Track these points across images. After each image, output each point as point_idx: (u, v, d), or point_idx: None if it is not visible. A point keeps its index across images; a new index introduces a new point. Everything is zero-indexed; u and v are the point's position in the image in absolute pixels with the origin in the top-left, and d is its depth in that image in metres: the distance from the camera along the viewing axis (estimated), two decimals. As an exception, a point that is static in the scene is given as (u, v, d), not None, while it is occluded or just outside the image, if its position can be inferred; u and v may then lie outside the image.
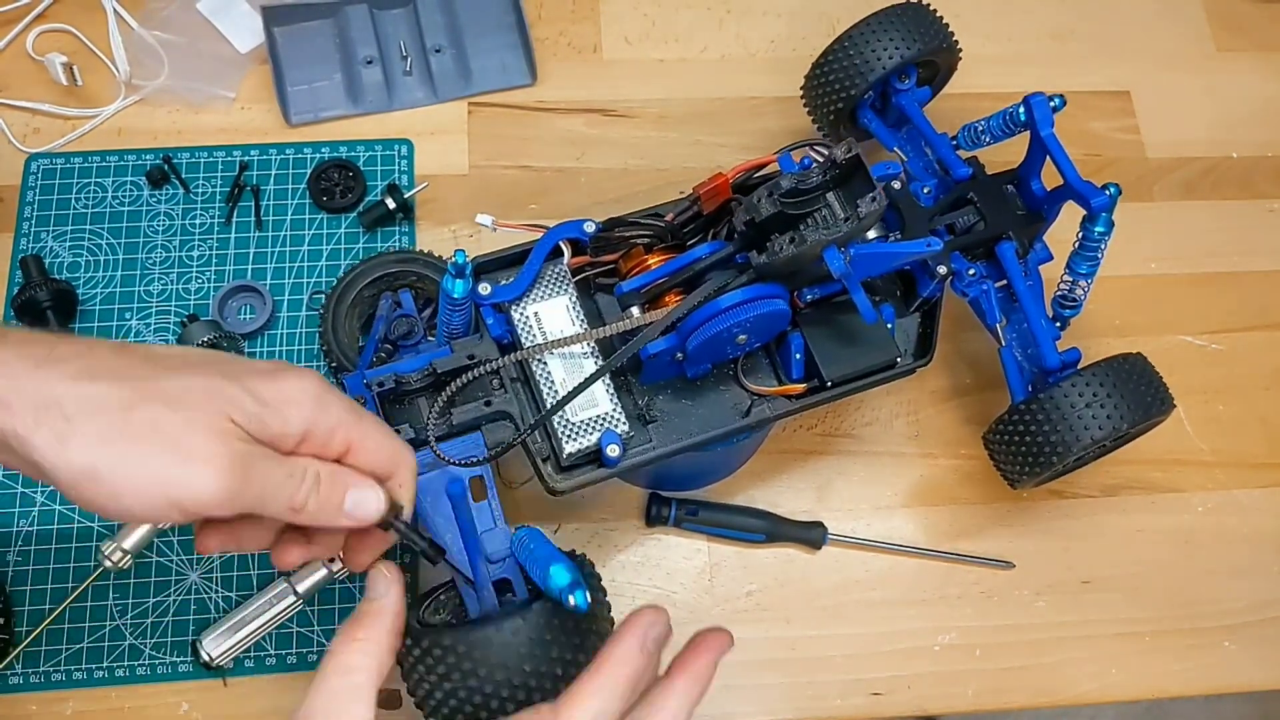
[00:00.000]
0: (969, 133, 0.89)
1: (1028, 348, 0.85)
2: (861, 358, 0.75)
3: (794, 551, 0.91)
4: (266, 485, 0.57)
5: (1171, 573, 0.93)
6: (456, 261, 0.64)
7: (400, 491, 0.63)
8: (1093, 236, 0.83)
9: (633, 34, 1.09)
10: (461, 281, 0.64)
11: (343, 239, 0.97)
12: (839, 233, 0.65)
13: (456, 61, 1.04)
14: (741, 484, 0.92)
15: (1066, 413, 0.78)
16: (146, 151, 0.99)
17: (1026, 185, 0.86)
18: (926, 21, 0.90)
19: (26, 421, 0.52)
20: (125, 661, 0.83)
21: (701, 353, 0.70)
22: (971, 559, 0.91)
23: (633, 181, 1.02)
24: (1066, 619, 0.90)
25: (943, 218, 0.85)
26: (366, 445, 0.61)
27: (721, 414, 0.75)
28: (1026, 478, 0.82)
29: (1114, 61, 1.12)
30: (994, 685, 0.88)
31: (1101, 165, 1.07)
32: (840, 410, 0.95)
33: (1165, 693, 0.90)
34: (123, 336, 0.92)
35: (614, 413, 0.72)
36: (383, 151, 1.00)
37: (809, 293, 0.74)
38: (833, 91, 0.91)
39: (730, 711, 0.86)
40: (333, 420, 0.59)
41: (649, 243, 0.74)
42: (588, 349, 0.73)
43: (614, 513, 0.91)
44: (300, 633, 0.84)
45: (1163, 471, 0.96)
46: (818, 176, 0.66)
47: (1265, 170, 1.08)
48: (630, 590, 0.88)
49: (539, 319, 0.73)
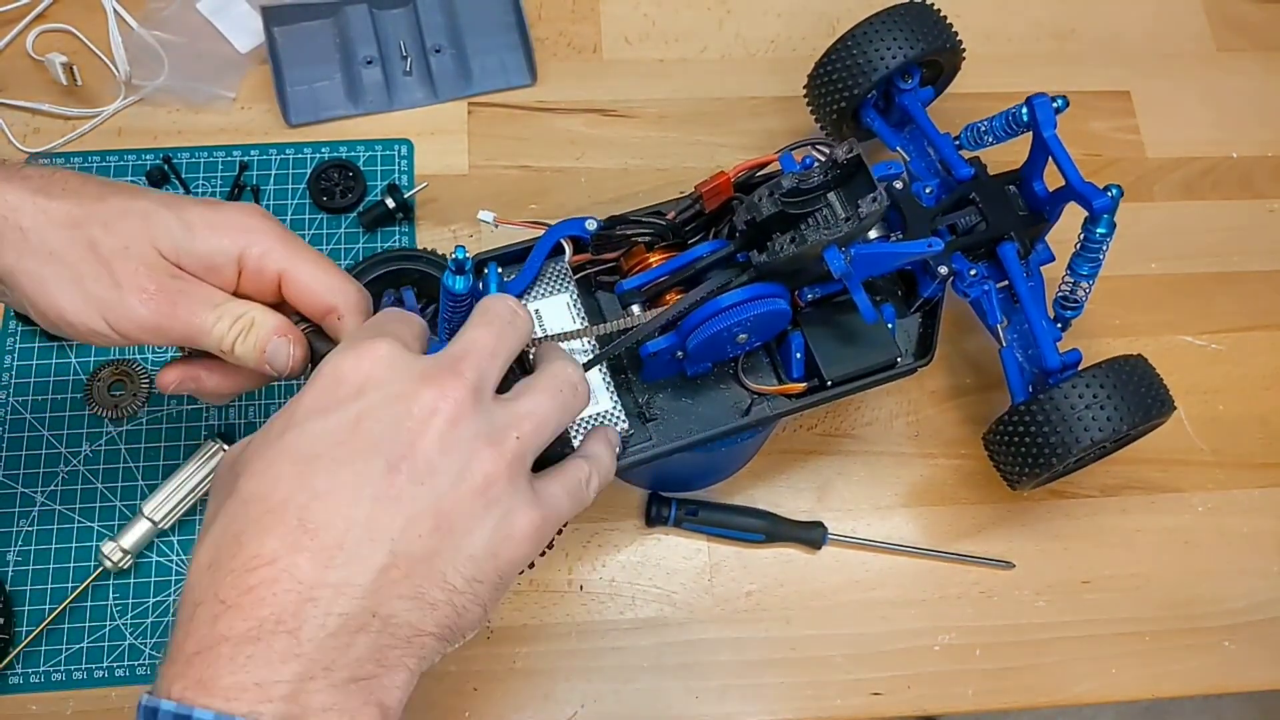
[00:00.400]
0: (971, 133, 0.89)
1: (1029, 348, 0.85)
2: (862, 357, 0.75)
3: (794, 551, 0.91)
4: (192, 322, 0.60)
5: (1171, 573, 0.93)
6: (457, 258, 0.64)
7: (339, 326, 0.64)
8: (1094, 238, 0.83)
9: (633, 34, 1.09)
10: (462, 278, 0.64)
11: (342, 239, 0.97)
12: (840, 232, 0.65)
13: (456, 61, 1.04)
14: (741, 484, 0.92)
15: (1067, 414, 0.78)
16: (147, 151, 0.99)
17: (1029, 186, 0.86)
18: (930, 21, 0.90)
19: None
20: (125, 661, 0.83)
21: (702, 351, 0.70)
22: (971, 559, 0.91)
23: (632, 181, 1.02)
24: (1066, 619, 0.90)
25: (944, 218, 0.85)
26: (300, 276, 0.62)
27: (721, 412, 0.75)
28: (1026, 479, 0.82)
29: (1114, 61, 1.12)
30: (994, 685, 0.88)
31: (1102, 165, 1.07)
32: (840, 410, 0.95)
33: (1165, 693, 0.90)
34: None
35: (614, 410, 0.72)
36: (382, 151, 1.00)
37: (810, 292, 0.74)
38: (836, 91, 0.91)
39: (730, 711, 0.86)
40: (262, 248, 0.60)
41: (650, 241, 0.74)
42: (588, 346, 0.73)
43: (614, 513, 0.90)
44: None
45: (1163, 471, 0.96)
46: (819, 176, 0.66)
47: (1265, 170, 1.08)
48: (630, 590, 0.88)
49: (540, 316, 0.73)
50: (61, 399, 0.90)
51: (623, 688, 0.85)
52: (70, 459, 0.88)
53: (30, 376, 0.90)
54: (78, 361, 0.91)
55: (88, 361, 0.91)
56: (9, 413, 0.89)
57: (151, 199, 0.61)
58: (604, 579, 0.88)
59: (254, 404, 0.91)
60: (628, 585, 0.88)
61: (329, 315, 0.63)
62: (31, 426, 0.89)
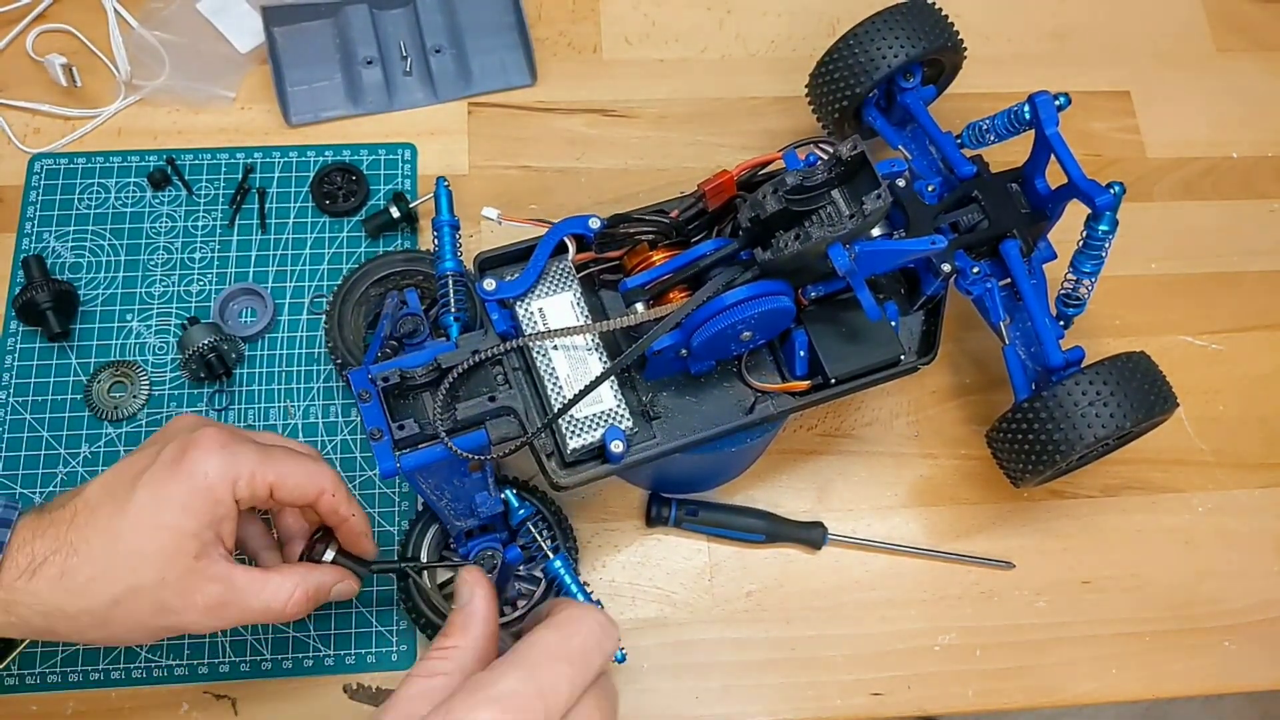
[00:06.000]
0: (973, 131, 0.89)
1: (1031, 346, 0.85)
2: (865, 355, 0.75)
3: (794, 552, 0.91)
4: (245, 615, 0.68)
5: (1171, 573, 0.93)
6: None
7: (335, 502, 0.71)
8: (1097, 235, 0.83)
9: (633, 34, 1.09)
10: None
11: (345, 243, 0.97)
12: (844, 230, 0.65)
13: (456, 62, 1.04)
14: (741, 484, 0.92)
15: (1070, 411, 0.78)
16: (150, 153, 0.98)
17: (1031, 184, 0.86)
18: (932, 20, 0.90)
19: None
20: (121, 664, 0.83)
21: (706, 349, 0.70)
22: (971, 559, 0.91)
23: (633, 181, 1.02)
24: (1066, 619, 0.90)
25: (947, 216, 0.85)
26: (286, 483, 0.68)
27: (725, 411, 0.75)
28: (1030, 476, 0.82)
29: (1114, 61, 1.12)
30: (994, 685, 0.88)
31: (1102, 165, 1.07)
32: (841, 410, 0.95)
33: (1165, 693, 0.90)
34: (123, 338, 0.92)
35: (618, 409, 0.72)
36: (386, 156, 1.00)
37: (813, 290, 0.74)
38: (838, 89, 0.91)
39: (730, 711, 0.86)
40: (243, 475, 0.67)
41: (654, 239, 0.74)
42: (591, 344, 0.72)
43: (614, 513, 0.90)
44: (296, 638, 0.84)
45: (1163, 471, 0.96)
46: (823, 174, 0.66)
47: (1265, 170, 1.08)
48: (630, 590, 0.88)
49: (543, 314, 0.73)
50: (61, 399, 0.90)
51: (623, 688, 0.85)
52: (70, 459, 0.88)
53: (30, 377, 0.90)
54: (78, 362, 0.91)
55: (88, 362, 0.91)
56: (9, 413, 0.89)
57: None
58: (604, 579, 0.88)
59: (253, 408, 0.90)
60: (628, 585, 0.88)
61: (322, 498, 0.71)
62: (31, 427, 0.89)
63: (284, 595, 0.68)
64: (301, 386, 0.92)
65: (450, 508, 0.76)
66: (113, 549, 0.63)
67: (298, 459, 0.70)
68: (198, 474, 0.65)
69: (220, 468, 0.66)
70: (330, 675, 0.83)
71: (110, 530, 0.64)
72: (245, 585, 0.67)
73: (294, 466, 0.69)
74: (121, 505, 0.64)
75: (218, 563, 0.66)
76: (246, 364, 0.92)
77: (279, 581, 0.69)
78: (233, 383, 0.91)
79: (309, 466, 0.70)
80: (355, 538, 0.74)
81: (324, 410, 0.91)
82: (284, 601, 0.68)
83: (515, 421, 0.72)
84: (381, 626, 0.85)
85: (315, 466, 0.70)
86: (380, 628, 0.85)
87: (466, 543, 0.80)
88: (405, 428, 0.69)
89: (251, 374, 0.92)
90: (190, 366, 0.88)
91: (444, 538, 0.83)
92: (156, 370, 0.91)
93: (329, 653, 0.84)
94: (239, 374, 0.92)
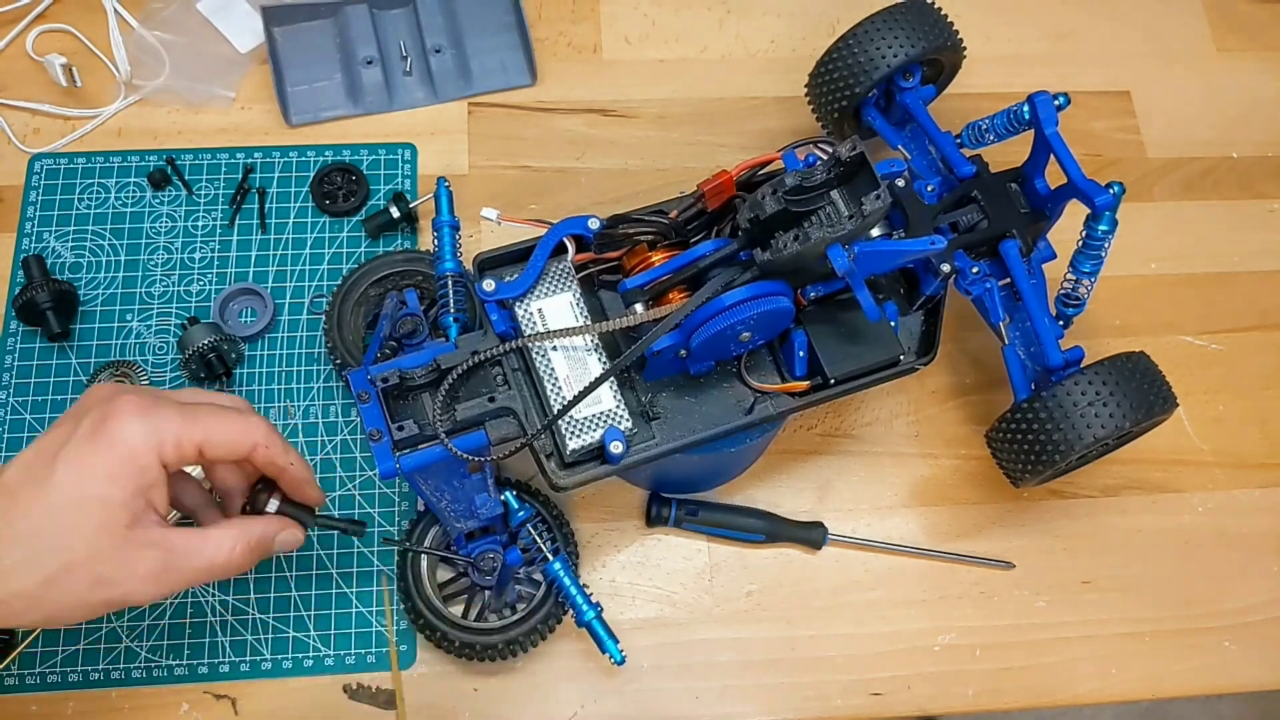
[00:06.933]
0: (973, 131, 0.89)
1: (1031, 346, 0.85)
2: (865, 355, 0.76)
3: (794, 551, 0.91)
4: (189, 577, 0.66)
5: (1171, 573, 0.93)
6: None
7: (270, 454, 0.69)
8: (1097, 235, 0.83)
9: (633, 34, 1.09)
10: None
11: (345, 243, 0.97)
12: (843, 230, 0.65)
13: (456, 62, 1.04)
14: (741, 484, 0.92)
15: (1070, 411, 0.78)
16: (150, 153, 0.98)
17: (1030, 183, 0.86)
18: (931, 20, 0.90)
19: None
20: (121, 664, 0.83)
21: (705, 350, 0.70)
22: (971, 559, 0.91)
23: (633, 182, 1.02)
24: (1066, 619, 0.90)
25: (947, 216, 0.85)
26: (213, 440, 0.66)
27: (725, 411, 0.75)
28: (1029, 476, 0.82)
29: (1114, 61, 1.12)
30: (994, 685, 0.88)
31: (1102, 165, 1.07)
32: (841, 410, 0.95)
33: (1165, 693, 0.90)
34: (123, 337, 0.92)
35: (617, 409, 0.72)
36: (386, 156, 1.00)
37: (812, 290, 0.74)
38: (837, 89, 0.91)
39: (730, 711, 0.86)
40: (167, 438, 0.65)
41: (653, 240, 0.74)
42: (590, 344, 0.72)
43: (614, 513, 0.90)
44: (296, 638, 0.84)
45: (1163, 471, 0.96)
46: (822, 174, 0.66)
47: (1265, 170, 1.08)
48: (630, 590, 0.88)
49: (543, 315, 0.73)
50: (61, 399, 0.90)
51: (623, 688, 0.85)
52: (70, 459, 0.88)
53: (30, 377, 0.90)
54: (78, 362, 0.91)
55: (88, 362, 0.91)
56: (9, 413, 0.89)
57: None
58: (604, 579, 0.88)
59: (253, 408, 0.91)
60: (628, 585, 0.88)
61: (256, 452, 0.68)
62: (31, 427, 0.89)
63: (225, 550, 0.67)
64: (301, 386, 0.92)
65: (450, 509, 0.75)
66: (38, 529, 0.62)
67: (224, 414, 0.68)
68: (119, 442, 0.63)
69: (142, 433, 0.64)
70: (330, 675, 0.83)
71: (33, 510, 0.62)
72: (184, 547, 0.65)
73: (221, 423, 0.67)
74: (41, 484, 0.62)
75: (152, 529, 0.64)
76: (246, 364, 0.92)
77: (218, 537, 0.67)
78: (232, 383, 0.91)
79: (237, 421, 0.68)
80: (298, 485, 0.72)
81: (324, 410, 0.91)
82: (225, 557, 0.67)
83: (515, 422, 0.72)
84: (381, 626, 0.85)
85: (244, 420, 0.68)
86: (380, 628, 0.85)
87: (467, 544, 0.80)
88: (405, 429, 0.69)
89: (251, 374, 0.92)
90: (190, 366, 0.88)
91: (444, 539, 0.83)
92: (156, 370, 0.91)
93: (329, 653, 0.84)
94: (239, 374, 0.92)
